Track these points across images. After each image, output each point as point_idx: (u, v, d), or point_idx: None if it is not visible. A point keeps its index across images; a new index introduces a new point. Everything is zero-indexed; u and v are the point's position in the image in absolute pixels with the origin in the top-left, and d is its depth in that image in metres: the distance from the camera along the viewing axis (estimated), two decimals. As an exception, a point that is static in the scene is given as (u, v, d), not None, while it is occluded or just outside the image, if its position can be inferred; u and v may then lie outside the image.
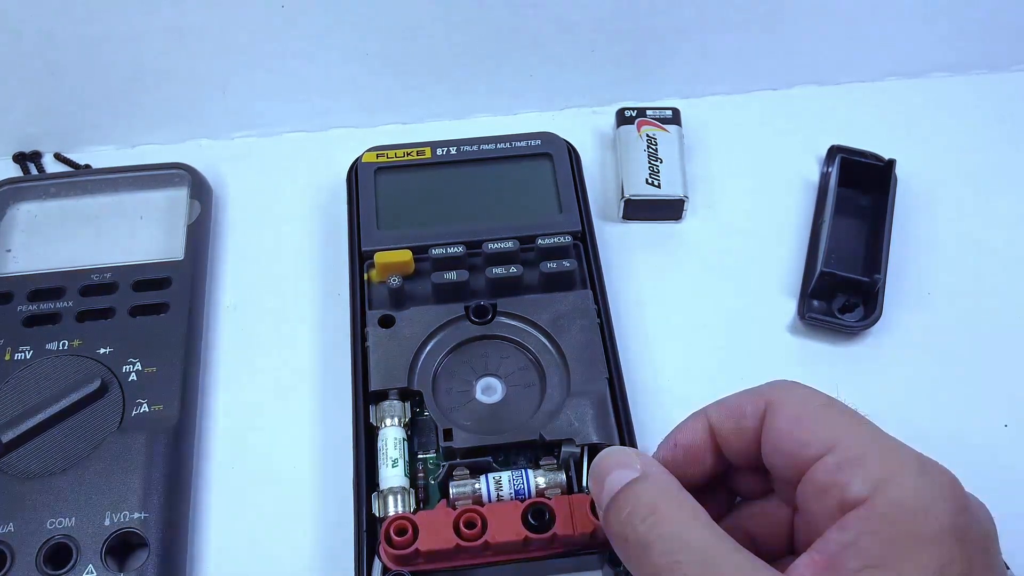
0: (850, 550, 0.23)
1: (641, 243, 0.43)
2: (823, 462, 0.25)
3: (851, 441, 0.25)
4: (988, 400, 0.38)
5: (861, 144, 0.43)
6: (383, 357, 0.35)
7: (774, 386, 0.28)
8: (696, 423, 0.29)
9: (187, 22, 0.43)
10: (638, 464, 0.27)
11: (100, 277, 0.39)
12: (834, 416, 0.26)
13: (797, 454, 0.26)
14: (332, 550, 0.34)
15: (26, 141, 0.46)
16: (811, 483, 0.25)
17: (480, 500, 0.32)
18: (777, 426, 0.27)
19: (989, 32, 0.48)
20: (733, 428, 0.28)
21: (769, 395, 0.27)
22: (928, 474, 0.24)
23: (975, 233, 0.43)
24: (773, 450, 0.27)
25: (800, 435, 0.26)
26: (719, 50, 0.47)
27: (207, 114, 0.46)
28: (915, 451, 0.25)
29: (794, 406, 0.27)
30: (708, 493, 0.29)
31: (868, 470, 0.24)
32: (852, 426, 0.26)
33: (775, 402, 0.27)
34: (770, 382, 0.28)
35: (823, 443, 0.25)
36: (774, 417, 0.27)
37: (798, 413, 0.26)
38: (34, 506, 0.33)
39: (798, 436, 0.26)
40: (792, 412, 0.27)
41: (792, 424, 0.26)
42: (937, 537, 0.23)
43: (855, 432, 0.25)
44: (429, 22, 0.44)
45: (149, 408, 0.36)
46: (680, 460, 0.29)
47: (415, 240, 0.39)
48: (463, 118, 0.48)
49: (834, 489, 0.24)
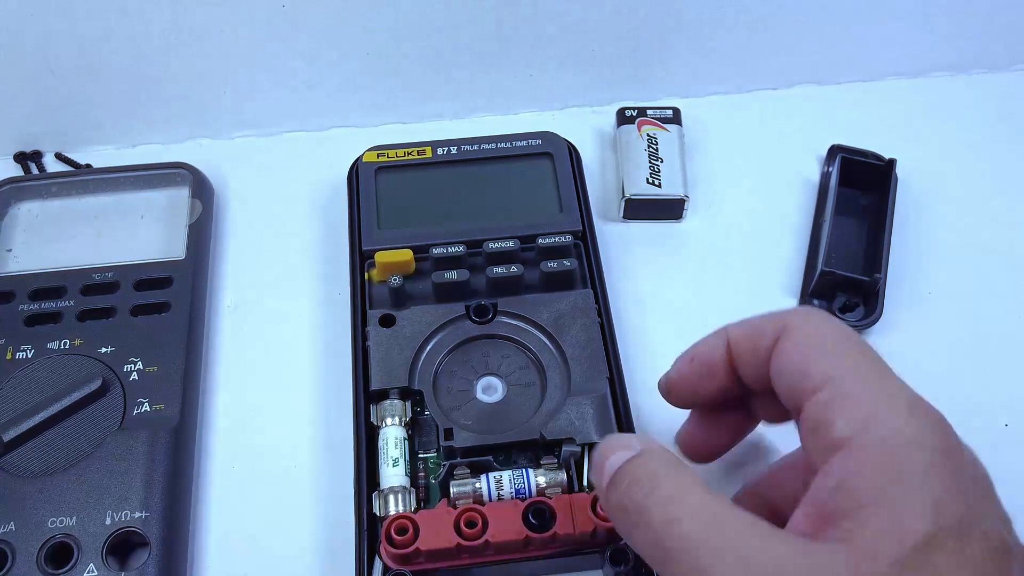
0: (838, 495, 0.22)
1: (641, 243, 0.43)
2: (816, 397, 0.24)
3: (846, 377, 0.24)
4: (988, 400, 0.38)
5: (861, 144, 0.44)
6: (384, 356, 0.35)
7: (797, 311, 0.27)
8: (716, 339, 0.28)
9: (187, 22, 0.43)
10: (638, 445, 0.26)
11: (101, 276, 0.39)
12: (841, 349, 0.25)
13: (797, 384, 0.25)
14: (333, 549, 0.34)
15: (27, 141, 0.46)
16: (805, 420, 0.24)
17: (481, 499, 0.32)
18: (785, 351, 0.26)
19: (989, 32, 0.48)
20: (750, 347, 0.27)
21: (788, 319, 0.26)
22: (917, 414, 0.23)
23: (975, 233, 0.43)
24: (778, 376, 0.26)
25: (803, 364, 0.25)
26: (719, 50, 0.47)
27: (208, 114, 0.46)
28: (910, 391, 0.24)
29: (807, 334, 0.26)
30: (726, 414, 0.29)
31: (853, 409, 0.23)
32: (854, 361, 0.25)
33: (791, 326, 0.26)
34: (795, 307, 0.27)
35: (821, 376, 0.24)
36: (786, 341, 0.26)
37: (809, 341, 0.25)
38: (35, 505, 0.33)
39: (800, 365, 0.25)
40: (803, 339, 0.25)
41: (799, 352, 0.25)
42: (928, 470, 0.22)
43: (854, 368, 0.24)
44: (429, 22, 0.44)
45: (150, 407, 0.36)
46: (696, 374, 0.28)
47: (416, 239, 0.39)
48: (463, 118, 0.48)
49: (821, 428, 0.24)
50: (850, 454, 0.23)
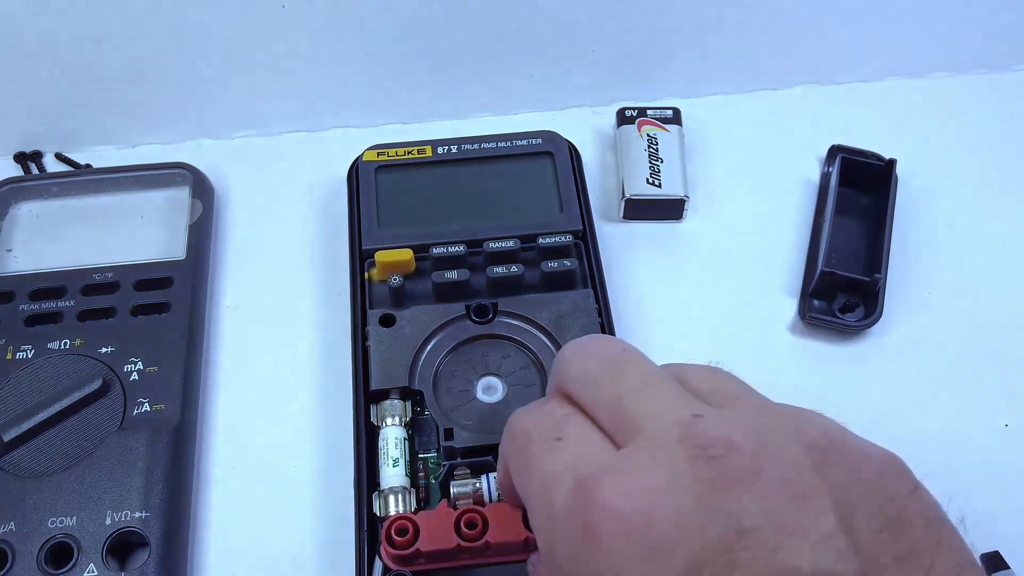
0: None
1: (642, 243, 0.43)
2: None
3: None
4: (988, 400, 0.38)
5: (861, 144, 0.44)
6: (384, 356, 0.35)
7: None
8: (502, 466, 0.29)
9: (187, 22, 0.43)
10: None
11: (101, 276, 0.39)
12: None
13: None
14: (333, 550, 0.34)
15: (27, 141, 0.46)
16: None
17: (481, 500, 0.32)
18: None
19: (989, 32, 0.48)
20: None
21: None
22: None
23: (975, 233, 0.43)
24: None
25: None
26: (719, 50, 0.47)
27: (208, 114, 0.46)
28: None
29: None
30: None
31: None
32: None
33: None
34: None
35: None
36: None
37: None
38: (35, 505, 0.33)
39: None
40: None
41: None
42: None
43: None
44: (429, 22, 0.44)
45: (150, 407, 0.36)
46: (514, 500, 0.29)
47: (416, 239, 0.39)
48: (463, 118, 0.48)
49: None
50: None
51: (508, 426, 0.27)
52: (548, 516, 0.23)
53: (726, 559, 0.20)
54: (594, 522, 0.21)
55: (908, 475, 0.22)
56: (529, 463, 0.25)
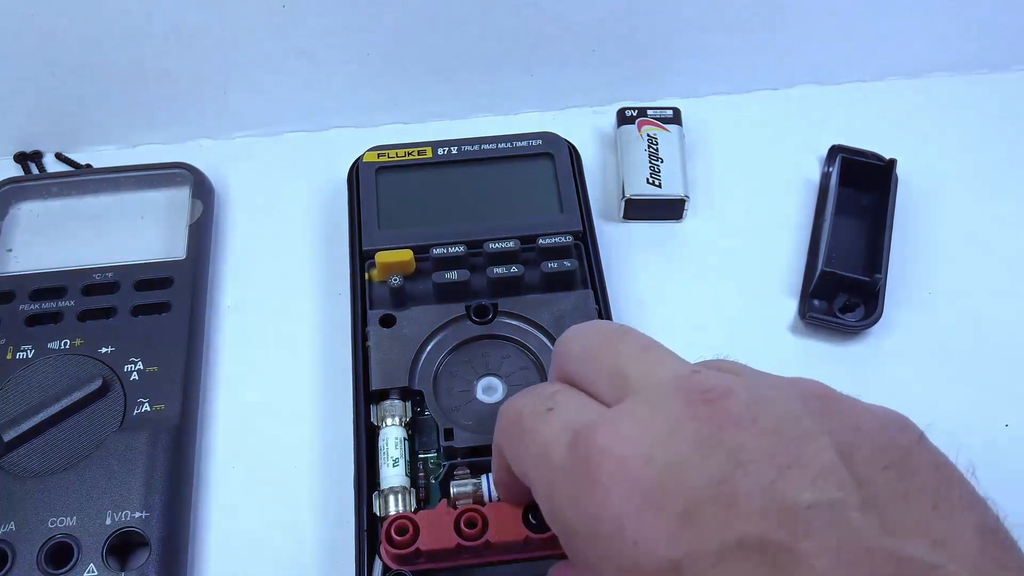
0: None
1: (642, 243, 0.43)
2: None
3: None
4: (988, 400, 0.38)
5: (861, 144, 0.44)
6: (384, 357, 0.35)
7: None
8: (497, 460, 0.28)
9: (187, 22, 0.43)
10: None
11: (102, 276, 0.39)
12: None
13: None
14: (333, 550, 0.34)
15: (27, 141, 0.46)
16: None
17: (481, 499, 0.32)
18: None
19: (989, 32, 0.48)
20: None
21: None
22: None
23: (975, 233, 0.43)
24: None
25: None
26: (719, 50, 0.47)
27: (208, 114, 0.46)
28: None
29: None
30: None
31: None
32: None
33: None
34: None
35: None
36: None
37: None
38: (35, 505, 0.33)
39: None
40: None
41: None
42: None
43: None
44: (429, 22, 0.44)
45: (150, 407, 0.36)
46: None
47: (416, 240, 0.39)
48: (463, 118, 0.48)
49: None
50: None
51: (499, 414, 0.26)
52: (548, 477, 0.23)
53: (725, 494, 0.19)
54: (592, 467, 0.21)
55: (913, 427, 0.22)
56: (524, 438, 0.24)
